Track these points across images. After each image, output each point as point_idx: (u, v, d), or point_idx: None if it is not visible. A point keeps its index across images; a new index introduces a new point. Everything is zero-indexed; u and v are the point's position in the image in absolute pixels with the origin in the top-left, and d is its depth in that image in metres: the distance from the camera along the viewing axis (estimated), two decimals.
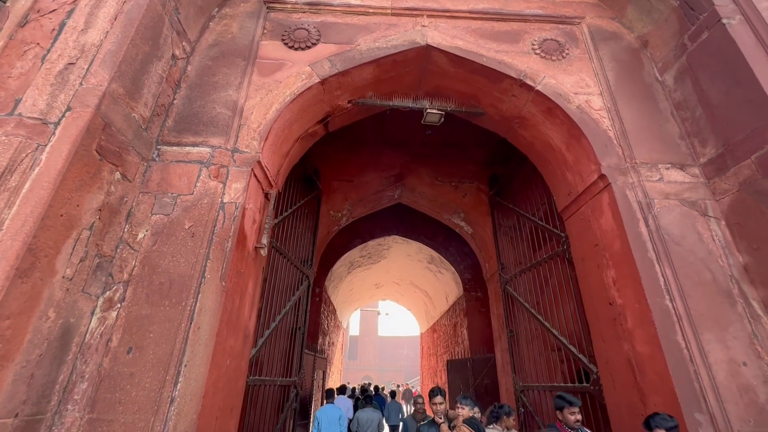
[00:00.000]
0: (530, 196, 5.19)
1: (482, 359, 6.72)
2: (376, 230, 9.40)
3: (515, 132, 4.42)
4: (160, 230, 2.86)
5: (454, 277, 9.35)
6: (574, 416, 2.70)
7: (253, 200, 3.28)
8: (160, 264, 2.74)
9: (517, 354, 5.19)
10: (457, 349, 9.36)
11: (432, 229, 9.45)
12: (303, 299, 5.36)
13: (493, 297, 6.33)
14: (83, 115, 2.48)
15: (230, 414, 2.89)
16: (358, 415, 5.49)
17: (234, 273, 2.90)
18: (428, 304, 13.14)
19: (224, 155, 3.23)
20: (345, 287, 11.57)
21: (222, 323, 2.69)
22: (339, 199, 6.47)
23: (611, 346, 3.22)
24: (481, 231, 6.51)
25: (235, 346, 2.96)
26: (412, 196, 7.10)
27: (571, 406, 2.73)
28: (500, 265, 5.78)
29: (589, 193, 3.57)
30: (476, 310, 8.55)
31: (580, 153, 3.69)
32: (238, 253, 2.97)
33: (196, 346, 2.52)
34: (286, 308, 4.56)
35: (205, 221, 2.91)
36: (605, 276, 3.32)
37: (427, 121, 4.40)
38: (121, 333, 2.50)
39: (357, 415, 5.50)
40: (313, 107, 3.94)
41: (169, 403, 2.34)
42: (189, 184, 3.06)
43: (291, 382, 4.71)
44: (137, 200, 2.96)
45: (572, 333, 4.05)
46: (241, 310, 3.06)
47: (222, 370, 2.71)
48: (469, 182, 6.69)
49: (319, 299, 8.47)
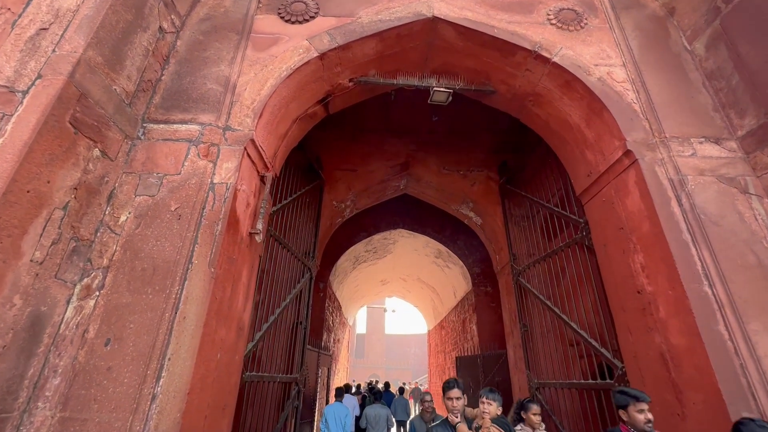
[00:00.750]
0: (544, 183, 4.88)
1: (493, 355, 6.43)
2: (381, 224, 9.14)
3: (529, 111, 4.12)
4: (144, 212, 2.62)
5: (462, 271, 9.05)
6: (643, 415, 2.11)
7: (246, 182, 3.04)
8: (144, 248, 2.50)
9: (531, 349, 4.90)
10: (466, 345, 9.07)
11: (439, 222, 9.16)
12: (305, 292, 5.12)
13: (504, 290, 6.03)
14: (54, 83, 2.25)
15: (222, 413, 2.65)
16: (366, 412, 5.57)
17: (224, 259, 2.65)
18: (435, 301, 12.85)
19: (215, 133, 2.98)
20: (350, 283, 11.33)
21: (211, 313, 2.45)
22: (342, 189, 6.22)
23: (640, 339, 2.92)
24: (491, 221, 6.21)
25: (227, 339, 2.72)
26: (418, 187, 6.82)
27: (638, 402, 2.14)
28: (512, 256, 5.48)
29: (613, 172, 3.26)
30: (486, 305, 8.25)
31: (601, 129, 3.38)
32: (229, 237, 2.72)
33: (182, 337, 2.28)
34: (287, 301, 4.32)
35: (193, 203, 2.67)
36: (632, 262, 3.02)
37: (434, 100, 4.12)
38: (98, 323, 2.27)
39: (366, 412, 5.58)
40: (311, 85, 3.68)
41: (151, 400, 2.10)
42: (176, 164, 2.82)
43: (292, 379, 4.47)
44: (120, 181, 2.73)
45: (592, 326, 3.75)
46: (233, 300, 2.82)
47: (211, 365, 2.46)
48: (477, 170, 6.39)
49: (323, 294, 8.24)
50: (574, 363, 4.41)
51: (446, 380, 2.60)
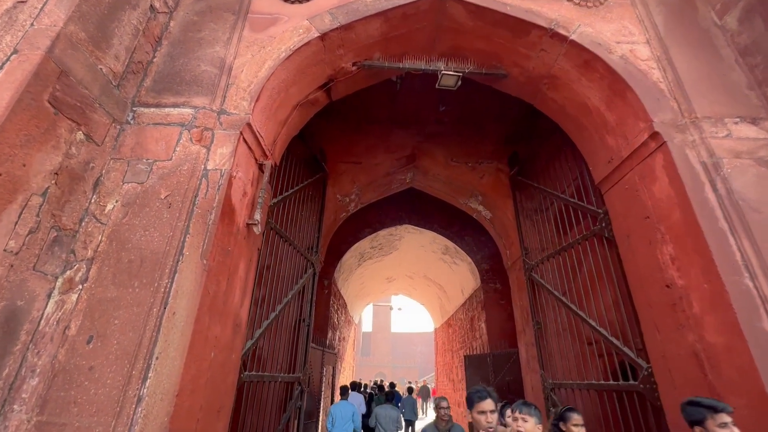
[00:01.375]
0: (558, 173, 4.63)
1: (504, 354, 6.20)
2: (386, 219, 8.93)
3: (543, 95, 3.88)
4: (131, 200, 2.44)
5: (471, 268, 8.82)
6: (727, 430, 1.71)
7: (243, 169, 2.84)
8: (131, 239, 2.32)
9: (545, 348, 4.66)
10: (474, 344, 8.84)
11: (446, 218, 8.93)
12: (308, 288, 4.94)
13: (515, 287, 5.80)
14: (31, 58, 2.07)
15: (217, 416, 2.46)
16: (377, 411, 5.54)
17: (218, 250, 2.46)
18: (443, 298, 12.62)
19: (209, 117, 2.79)
20: (356, 280, 11.14)
21: (203, 308, 2.26)
22: (346, 183, 6.02)
23: (669, 337, 2.68)
24: (501, 215, 5.97)
25: (222, 337, 2.53)
26: (425, 180, 6.59)
27: (716, 414, 1.74)
28: (524, 251, 5.24)
29: (637, 156, 3.02)
30: (495, 302, 8.01)
31: (624, 111, 3.13)
32: (223, 227, 2.53)
33: (171, 334, 2.09)
34: (288, 297, 4.14)
35: (185, 190, 2.48)
36: (660, 253, 2.77)
37: (442, 84, 3.90)
38: (81, 319, 2.09)
39: (376, 411, 5.55)
40: (312, 68, 3.48)
41: (136, 403, 1.91)
42: (167, 149, 2.63)
43: (295, 379, 4.29)
44: (107, 167, 2.55)
45: (613, 323, 3.51)
46: (229, 295, 2.63)
47: (204, 364, 2.28)
48: (487, 162, 6.15)
49: (327, 292, 8.06)
50: (590, 362, 4.17)
51: (475, 389, 2.06)
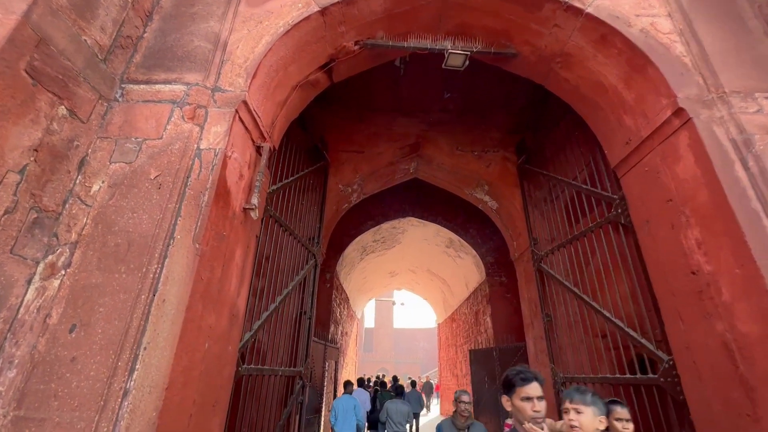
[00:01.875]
0: (569, 159, 4.45)
1: (511, 348, 6.04)
2: (390, 212, 8.77)
3: (555, 75, 3.68)
4: (119, 181, 2.28)
5: (475, 261, 8.65)
6: None
7: (239, 150, 2.67)
8: (118, 221, 2.16)
9: (555, 342, 4.50)
10: (479, 338, 8.69)
11: (451, 210, 8.76)
12: (309, 280, 4.78)
13: (523, 279, 5.63)
14: (5, 22, 1.90)
15: (212, 410, 2.31)
16: (387, 406, 5.54)
17: (212, 234, 2.30)
18: (446, 293, 12.47)
19: (202, 94, 2.62)
20: (358, 275, 11.00)
21: (195, 295, 2.10)
22: (348, 172, 5.85)
23: (694, 327, 2.50)
24: (508, 205, 5.79)
25: (217, 327, 2.37)
26: (429, 170, 6.41)
27: None
28: (532, 241, 5.07)
29: (659, 135, 2.83)
30: (500, 295, 7.85)
31: (644, 88, 2.94)
32: (218, 210, 2.37)
33: (161, 323, 1.94)
34: (289, 288, 3.98)
35: (176, 170, 2.32)
36: (684, 238, 2.59)
37: (449, 65, 3.71)
38: (63, 306, 1.94)
39: (386, 406, 5.54)
40: (312, 46, 3.30)
41: (122, 396, 1.76)
42: (158, 127, 2.47)
43: (296, 373, 4.14)
44: (94, 146, 2.39)
45: (629, 314, 3.34)
46: (224, 283, 2.47)
47: (197, 356, 2.12)
48: (493, 151, 5.96)
49: (330, 285, 7.92)
50: (602, 356, 4.01)
51: (516, 369, 1.69)
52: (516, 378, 1.65)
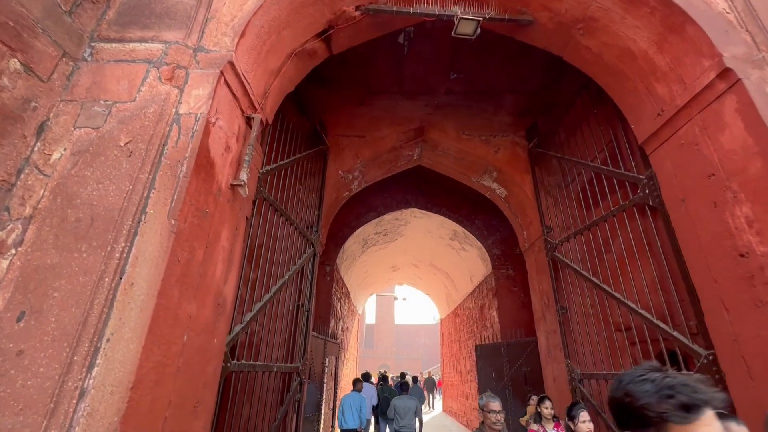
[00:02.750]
0: (586, 141, 4.13)
1: (520, 343, 5.75)
2: (392, 202, 8.46)
3: (576, 44, 3.36)
4: (84, 148, 1.97)
5: (481, 253, 8.35)
6: None
7: (225, 118, 2.36)
8: (80, 194, 1.85)
9: (570, 335, 4.20)
10: (484, 333, 8.40)
11: (455, 201, 8.44)
12: (307, 270, 4.49)
13: (533, 270, 5.33)
14: None
15: (193, 412, 2.01)
16: (395, 402, 5.55)
17: (192, 210, 2.00)
18: (449, 287, 12.18)
19: (183, 53, 2.31)
20: (359, 268, 10.71)
21: (170, 279, 1.80)
22: (349, 158, 5.53)
23: (743, 317, 2.20)
24: (518, 192, 5.47)
25: (199, 317, 2.07)
26: (433, 156, 6.09)
27: None
28: (545, 229, 4.76)
29: (699, 103, 2.51)
30: (508, 289, 7.55)
31: (681, 50, 2.62)
32: (199, 183, 2.06)
33: (128, 311, 1.64)
34: (285, 278, 3.68)
35: (150, 136, 2.01)
36: (731, 216, 2.28)
37: (459, 32, 3.38)
38: (11, 291, 1.64)
39: (394, 402, 5.56)
40: (308, 8, 2.98)
41: (78, 397, 1.47)
42: (130, 89, 2.15)
43: (293, 369, 3.85)
44: (57, 110, 2.08)
45: (656, 305, 3.04)
46: (208, 267, 2.17)
47: (173, 349, 1.82)
48: (502, 135, 5.64)
49: (330, 279, 7.62)
50: (623, 351, 3.72)
51: (662, 385, 0.78)
52: (673, 408, 0.75)
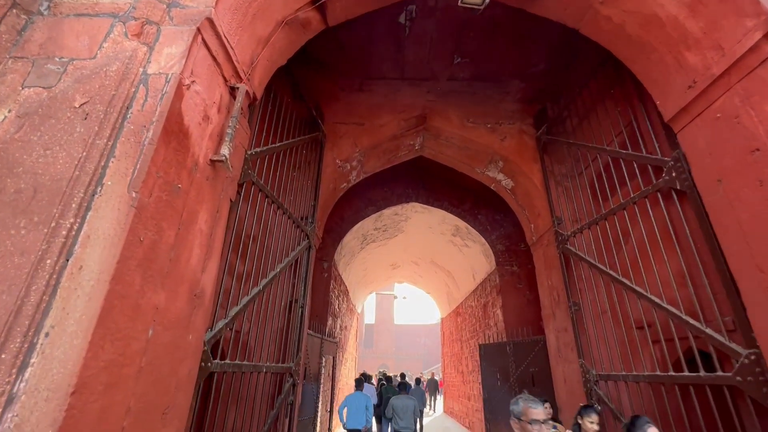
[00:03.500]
0: (601, 124, 3.85)
1: (527, 342, 5.47)
2: (392, 197, 8.17)
3: (594, 14, 3.07)
4: (32, 110, 1.68)
5: (484, 249, 8.06)
6: None
7: (203, 84, 2.07)
8: (23, 161, 1.56)
9: (584, 334, 3.91)
10: (488, 332, 8.12)
11: (458, 195, 8.16)
12: (302, 264, 4.20)
13: (542, 265, 5.04)
14: None
15: (161, 420, 1.72)
16: (393, 403, 5.56)
17: (161, 185, 1.71)
18: (451, 286, 11.89)
19: (154, 8, 2.01)
20: (358, 265, 10.42)
21: (129, 262, 1.51)
22: (347, 146, 5.24)
23: None
24: (525, 183, 5.19)
25: (170, 309, 1.78)
26: (436, 146, 5.81)
27: None
28: (555, 221, 4.48)
29: (740, 69, 2.22)
30: (512, 286, 7.26)
31: (719, 10, 2.33)
32: (169, 153, 1.77)
33: (73, 299, 1.35)
34: (276, 271, 3.39)
35: (110, 97, 1.72)
36: None
37: (466, 1, 3.10)
38: None
39: (392, 402, 5.57)
40: None
41: (4, 404, 1.18)
42: (91, 45, 1.86)
43: (285, 369, 3.56)
44: (4, 68, 1.79)
45: (686, 299, 2.75)
46: (181, 252, 1.88)
47: (133, 346, 1.53)
48: (508, 123, 5.35)
49: (327, 275, 7.33)
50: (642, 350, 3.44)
51: None
52: None
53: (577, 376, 4.03)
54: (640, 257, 3.17)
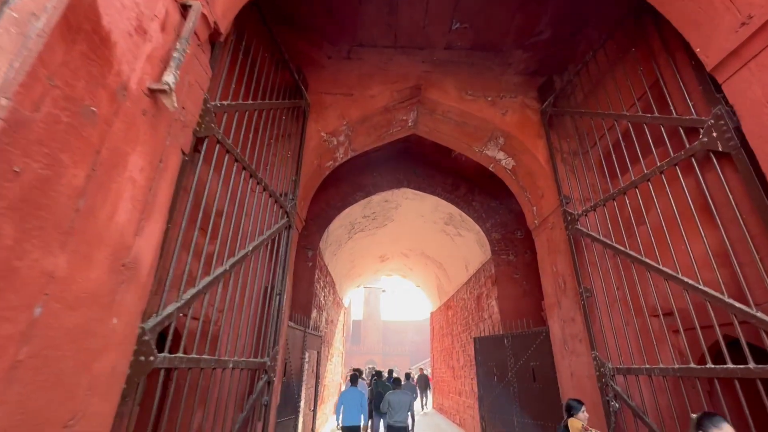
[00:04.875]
0: (619, 89, 3.44)
1: (527, 335, 5.08)
2: (382, 182, 7.70)
3: None
4: None
5: (478, 238, 7.66)
6: None
7: None
8: None
9: (596, 323, 3.52)
10: (481, 325, 7.74)
11: (451, 181, 7.74)
12: (281, 246, 3.69)
13: (545, 250, 4.64)
14: None
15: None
16: (389, 398, 5.56)
17: (58, 100, 1.19)
18: (442, 278, 11.49)
19: None
20: (345, 256, 9.92)
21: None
22: (333, 118, 4.73)
23: None
24: (528, 161, 4.77)
25: (78, 281, 1.26)
26: (431, 122, 5.34)
27: None
28: (563, 200, 4.07)
29: None
30: (509, 276, 6.88)
31: None
32: (74, 57, 1.24)
33: None
34: (247, 250, 2.88)
35: None
36: None
37: None
38: None
39: (388, 398, 5.57)
40: None
41: None
42: None
43: (258, 366, 3.06)
44: None
45: (730, 280, 2.36)
46: (98, 202, 1.36)
47: (5, 330, 1.01)
48: (510, 96, 4.92)
49: (312, 264, 6.82)
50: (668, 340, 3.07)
51: None
52: None
53: (587, 370, 3.64)
54: (668, 234, 2.77)
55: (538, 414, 4.67)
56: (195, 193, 2.25)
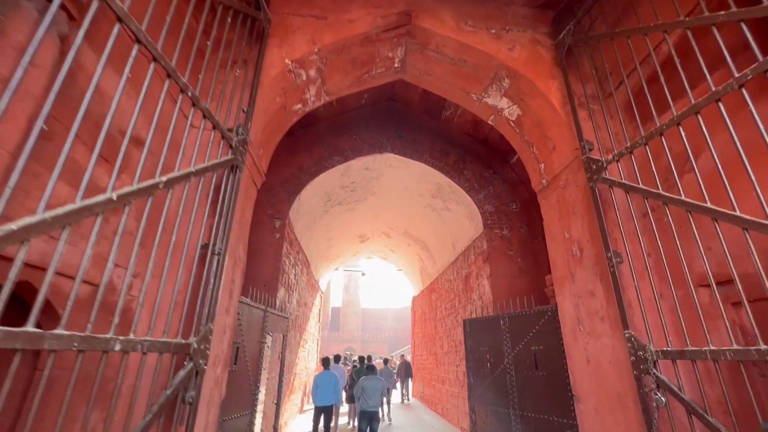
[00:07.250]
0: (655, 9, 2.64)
1: (529, 315, 4.35)
2: (363, 146, 6.80)
3: None
4: None
5: (469, 211, 6.90)
6: None
7: None
8: None
9: (632, 295, 2.78)
10: (470, 307, 7.03)
11: (440, 147, 6.92)
12: (225, 193, 2.77)
13: (554, 213, 3.89)
14: None
15: None
16: (363, 383, 5.62)
17: None
18: (425, 260, 10.75)
19: None
20: (321, 233, 8.99)
21: None
22: (302, 43, 3.78)
23: None
24: (538, 107, 3.97)
25: None
26: (422, 63, 4.44)
27: None
28: (586, 146, 3.29)
29: None
30: (502, 252, 6.16)
31: None
32: None
33: None
34: (158, 180, 1.95)
35: None
36: None
37: None
38: None
39: (362, 383, 5.63)
40: None
41: None
42: None
43: (179, 349, 2.17)
44: None
45: None
46: None
47: None
48: (518, 30, 4.08)
49: (280, 236, 5.89)
50: (712, 317, 2.39)
51: None
52: None
53: (610, 354, 2.93)
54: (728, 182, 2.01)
55: (541, 407, 3.98)
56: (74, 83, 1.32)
